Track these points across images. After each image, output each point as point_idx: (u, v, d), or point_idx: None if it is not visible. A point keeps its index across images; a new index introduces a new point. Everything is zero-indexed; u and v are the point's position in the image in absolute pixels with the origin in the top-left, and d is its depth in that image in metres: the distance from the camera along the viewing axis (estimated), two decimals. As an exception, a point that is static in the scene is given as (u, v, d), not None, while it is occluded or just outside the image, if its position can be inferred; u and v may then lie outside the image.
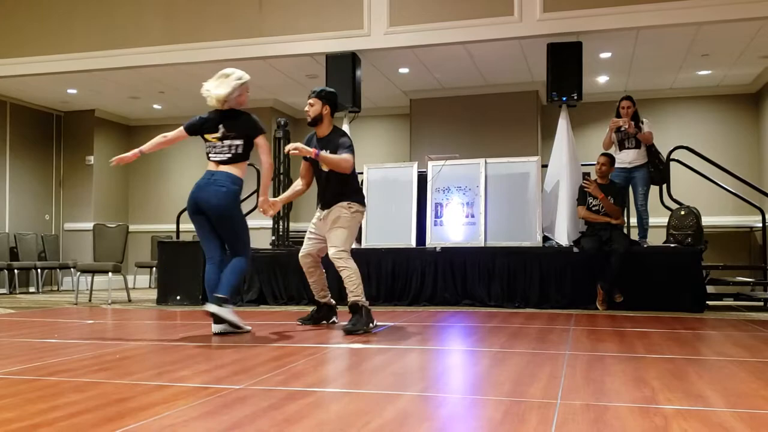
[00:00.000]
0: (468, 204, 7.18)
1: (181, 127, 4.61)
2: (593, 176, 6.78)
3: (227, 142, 4.43)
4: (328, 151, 4.56)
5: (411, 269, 6.89)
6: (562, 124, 7.38)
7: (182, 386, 2.71)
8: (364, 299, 4.58)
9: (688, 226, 6.46)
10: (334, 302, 5.06)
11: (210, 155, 4.47)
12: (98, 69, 8.98)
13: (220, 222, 4.40)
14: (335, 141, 4.63)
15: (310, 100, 4.66)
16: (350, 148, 4.57)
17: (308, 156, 4.51)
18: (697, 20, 7.16)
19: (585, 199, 6.56)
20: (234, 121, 4.46)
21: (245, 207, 8.15)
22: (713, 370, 3.12)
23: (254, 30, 8.34)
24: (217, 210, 4.35)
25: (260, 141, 4.47)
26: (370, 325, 4.54)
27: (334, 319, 5.03)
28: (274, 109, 10.77)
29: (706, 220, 6.96)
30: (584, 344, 3.90)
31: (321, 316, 4.99)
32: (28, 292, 10.24)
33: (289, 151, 4.44)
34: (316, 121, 4.65)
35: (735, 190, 7.58)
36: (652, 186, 7.09)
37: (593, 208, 6.50)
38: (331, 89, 4.78)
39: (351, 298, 4.56)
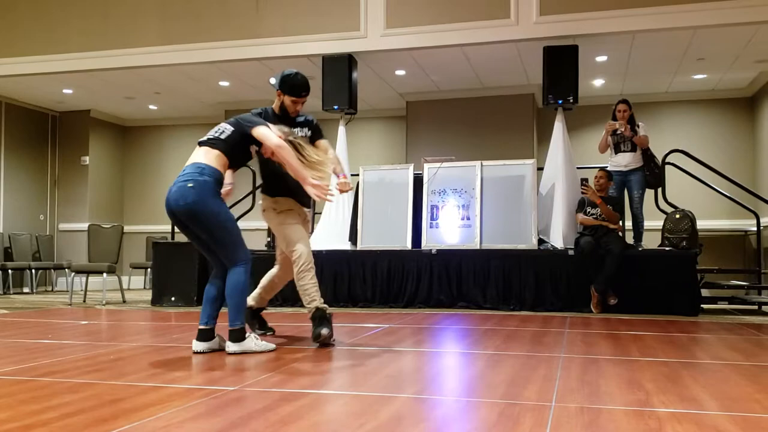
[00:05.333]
0: (464, 206, 7.18)
1: None
2: (591, 182, 6.79)
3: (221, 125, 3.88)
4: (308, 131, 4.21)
5: (406, 271, 6.89)
6: (558, 127, 7.39)
7: (176, 387, 2.71)
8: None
9: (683, 230, 6.48)
10: None
11: None
12: (94, 69, 8.95)
13: (194, 224, 3.66)
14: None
15: (304, 99, 4.16)
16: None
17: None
18: (693, 24, 7.17)
19: (583, 208, 6.58)
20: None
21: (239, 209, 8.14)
22: (707, 373, 3.13)
23: (251, 31, 8.33)
24: (185, 211, 3.61)
25: (256, 132, 3.72)
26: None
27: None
28: (270, 110, 10.75)
29: (701, 224, 6.97)
30: (579, 347, 3.91)
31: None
32: (22, 293, 10.20)
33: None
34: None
35: (730, 194, 7.60)
36: (647, 189, 7.10)
37: (591, 217, 6.52)
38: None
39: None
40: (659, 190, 7.21)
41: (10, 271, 9.99)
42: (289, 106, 4.14)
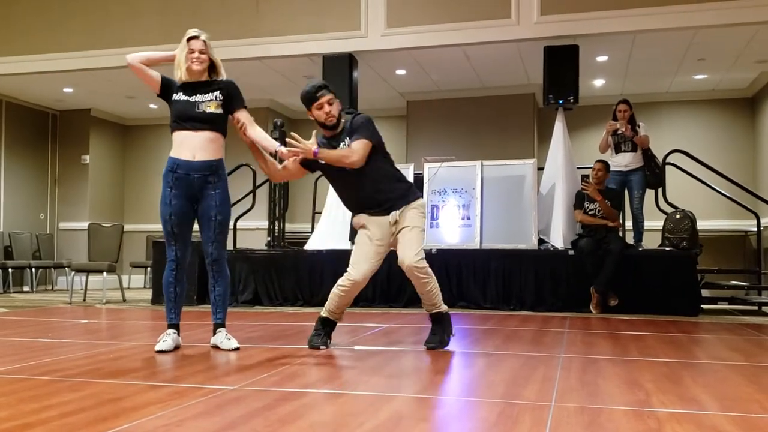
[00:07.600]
0: (464, 206, 7.18)
1: None
2: (591, 180, 6.79)
3: None
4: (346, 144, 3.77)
5: (406, 271, 6.87)
6: (559, 127, 7.38)
7: (176, 386, 2.70)
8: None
9: (684, 230, 6.47)
10: None
11: None
12: (94, 68, 8.94)
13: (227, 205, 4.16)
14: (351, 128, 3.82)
15: (328, 97, 3.75)
16: (366, 129, 3.75)
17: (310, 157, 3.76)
18: (694, 24, 7.17)
19: (582, 204, 6.58)
20: None
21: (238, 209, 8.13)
22: (707, 373, 3.13)
23: (251, 30, 8.32)
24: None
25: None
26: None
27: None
28: (270, 109, 10.75)
29: (701, 224, 6.97)
30: (579, 347, 3.91)
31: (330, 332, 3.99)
32: (22, 292, 10.20)
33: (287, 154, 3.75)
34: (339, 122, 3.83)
35: (730, 194, 7.60)
36: (647, 189, 7.10)
37: (590, 213, 6.52)
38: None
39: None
40: (659, 190, 7.21)
41: (10, 269, 9.99)
42: (320, 116, 3.79)
